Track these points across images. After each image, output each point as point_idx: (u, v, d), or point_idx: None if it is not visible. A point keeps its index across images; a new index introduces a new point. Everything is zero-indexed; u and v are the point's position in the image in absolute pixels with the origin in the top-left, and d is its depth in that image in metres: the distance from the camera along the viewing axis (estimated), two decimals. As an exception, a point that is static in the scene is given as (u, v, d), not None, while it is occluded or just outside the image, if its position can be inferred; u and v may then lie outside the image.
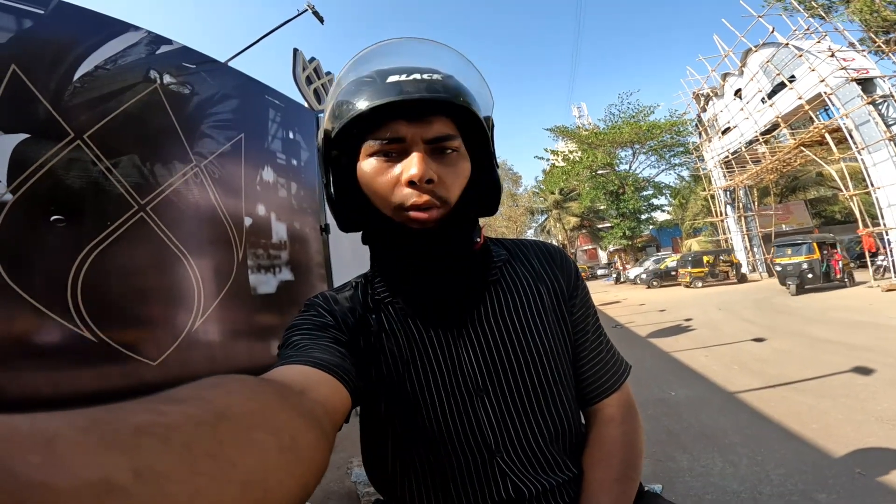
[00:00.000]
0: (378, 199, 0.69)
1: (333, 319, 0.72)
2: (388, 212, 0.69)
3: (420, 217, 0.67)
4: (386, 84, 0.66)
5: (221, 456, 0.26)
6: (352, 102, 0.67)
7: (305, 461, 0.34)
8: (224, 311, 2.27)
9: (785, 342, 6.99)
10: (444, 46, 0.76)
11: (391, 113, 0.66)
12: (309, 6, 7.05)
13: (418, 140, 0.67)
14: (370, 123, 0.67)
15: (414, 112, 0.67)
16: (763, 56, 18.40)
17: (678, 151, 30.16)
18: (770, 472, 2.99)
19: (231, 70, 2.67)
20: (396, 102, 0.64)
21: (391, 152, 0.67)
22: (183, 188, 2.12)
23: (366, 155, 0.69)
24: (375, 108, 0.64)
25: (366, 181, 0.69)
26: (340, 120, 0.68)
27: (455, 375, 0.72)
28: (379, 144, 0.67)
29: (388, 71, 0.68)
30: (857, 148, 14.39)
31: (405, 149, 0.67)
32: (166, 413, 0.26)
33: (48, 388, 1.58)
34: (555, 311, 0.79)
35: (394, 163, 0.68)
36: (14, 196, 1.55)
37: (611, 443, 0.78)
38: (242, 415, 0.31)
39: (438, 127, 0.68)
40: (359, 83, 0.68)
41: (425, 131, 0.67)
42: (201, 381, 0.34)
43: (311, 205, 3.12)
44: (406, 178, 0.66)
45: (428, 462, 0.73)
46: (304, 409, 0.40)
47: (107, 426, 0.22)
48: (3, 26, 1.62)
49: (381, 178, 0.68)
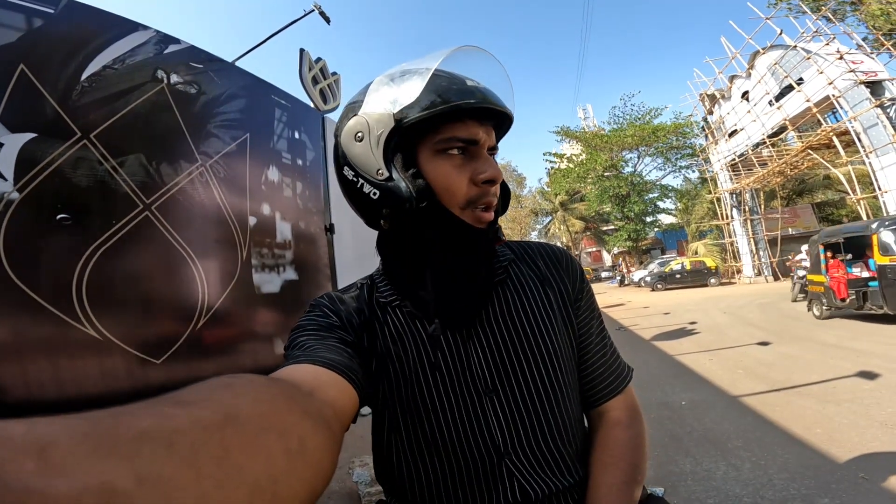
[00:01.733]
0: (451, 195, 0.70)
1: (339, 320, 0.72)
2: (454, 207, 0.70)
3: (485, 216, 0.72)
4: (469, 86, 0.69)
5: (228, 460, 0.26)
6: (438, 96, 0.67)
7: (314, 464, 0.34)
8: (228, 310, 2.28)
9: (790, 346, 6.95)
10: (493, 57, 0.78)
11: (468, 114, 0.69)
12: (316, 6, 7.08)
13: (486, 144, 0.72)
14: (445, 120, 0.69)
15: (484, 117, 0.71)
16: (771, 58, 18.30)
17: (684, 154, 30.01)
18: (773, 477, 2.97)
19: (238, 70, 2.68)
20: (476, 106, 0.68)
21: (465, 151, 0.70)
22: (188, 188, 2.13)
23: (436, 150, 0.70)
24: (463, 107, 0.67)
25: (440, 175, 0.70)
26: (423, 109, 0.67)
27: (464, 376, 0.72)
28: (456, 142, 0.69)
29: (460, 75, 0.71)
30: (864, 151, 14.30)
31: (476, 151, 0.71)
32: (172, 417, 0.26)
33: (52, 386, 1.59)
34: (561, 313, 0.79)
35: (463, 161, 0.70)
36: (21, 195, 1.56)
37: (619, 445, 0.78)
38: (250, 417, 0.30)
39: (494, 136, 0.74)
40: (438, 78, 0.69)
41: (491, 137, 0.73)
42: (211, 381, 0.34)
43: (316, 204, 3.12)
44: (485, 177, 0.69)
45: (436, 463, 0.72)
46: (312, 410, 0.40)
47: (108, 431, 0.22)
48: (13, 25, 1.63)
49: (459, 175, 0.70)
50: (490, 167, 0.70)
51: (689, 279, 22.96)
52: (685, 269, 23.21)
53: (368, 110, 0.71)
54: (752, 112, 19.86)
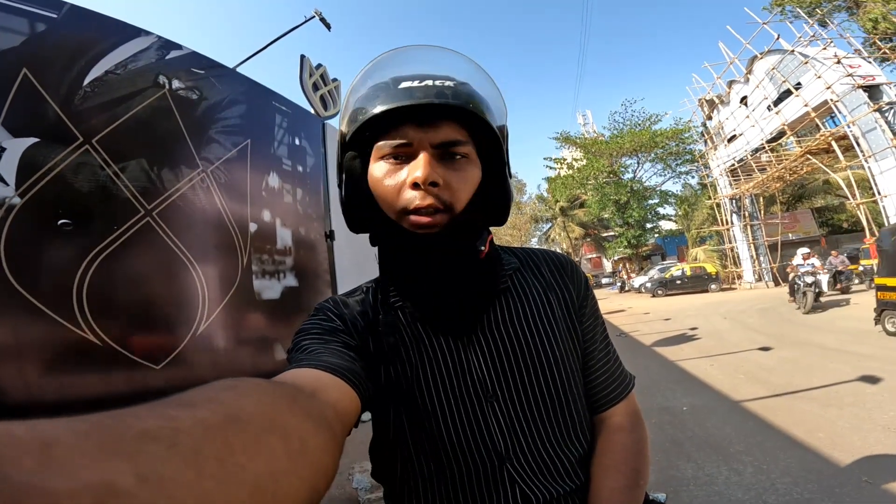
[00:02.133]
0: (384, 202, 0.70)
1: (343, 324, 0.72)
2: (393, 215, 0.69)
3: (421, 221, 0.67)
4: (398, 89, 0.67)
5: (230, 460, 0.26)
6: (365, 107, 0.68)
7: (315, 465, 0.34)
8: (228, 316, 2.28)
9: (791, 351, 6.94)
10: (459, 55, 0.77)
11: (401, 118, 0.67)
12: (316, 13, 7.11)
13: (426, 144, 0.67)
14: (382, 127, 0.68)
15: (423, 117, 0.67)
16: (769, 63, 18.38)
17: (684, 160, 30.07)
18: (775, 481, 2.96)
19: (239, 76, 2.69)
20: (406, 107, 0.65)
21: (400, 156, 0.68)
22: (189, 193, 2.13)
23: (376, 158, 0.70)
24: (386, 112, 0.65)
25: (374, 183, 0.70)
26: (354, 123, 0.70)
27: (465, 381, 0.72)
28: (388, 148, 0.68)
29: (401, 77, 0.69)
30: (863, 156, 14.32)
31: (413, 153, 0.68)
32: (175, 418, 0.26)
33: (52, 391, 1.59)
34: (565, 321, 0.80)
35: (401, 166, 0.68)
36: (22, 199, 1.56)
37: (621, 451, 0.78)
38: (253, 418, 0.31)
39: (447, 132, 0.68)
40: (374, 88, 0.70)
41: (433, 136, 0.68)
42: (214, 384, 0.34)
43: (317, 211, 3.13)
44: (410, 181, 0.66)
45: (436, 467, 0.72)
46: (314, 412, 0.40)
47: (110, 431, 0.22)
48: (16, 29, 1.64)
49: (387, 181, 0.68)
50: (419, 168, 0.65)
51: (690, 285, 22.94)
52: (685, 275, 23.19)
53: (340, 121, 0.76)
54: (750, 117, 19.92)
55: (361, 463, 3.26)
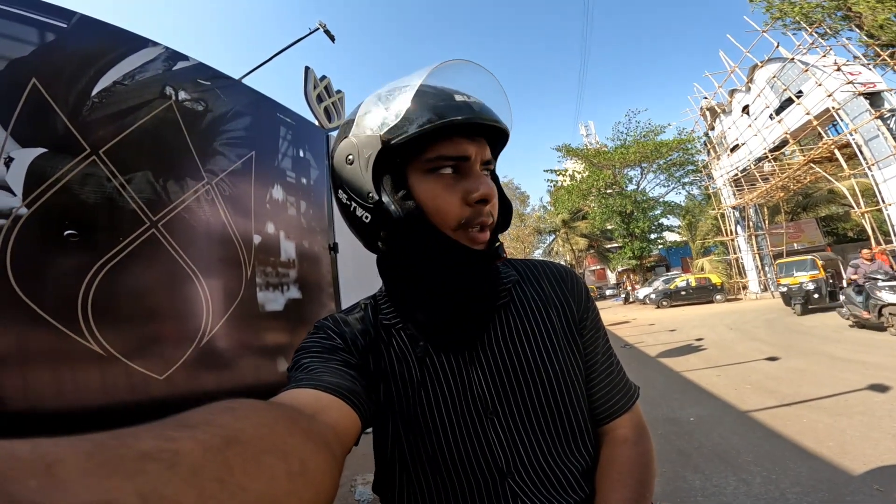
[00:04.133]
0: (442, 216, 0.68)
1: (343, 342, 0.72)
2: (448, 230, 0.68)
3: (483, 237, 0.69)
4: (458, 102, 0.66)
5: (231, 481, 0.26)
6: (425, 114, 0.65)
7: (315, 486, 0.34)
8: (232, 328, 2.27)
9: (799, 361, 6.88)
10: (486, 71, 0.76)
11: (455, 131, 0.67)
12: (321, 24, 7.19)
13: (478, 160, 0.69)
14: (433, 138, 0.67)
15: (474, 133, 0.69)
16: (770, 71, 18.46)
17: (688, 170, 30.10)
18: (785, 491, 2.92)
19: (244, 87, 2.72)
20: (465, 122, 0.65)
21: (455, 169, 0.68)
22: (194, 205, 2.14)
23: (425, 170, 0.68)
24: (451, 124, 0.64)
25: (430, 197, 0.68)
26: (409, 128, 0.65)
27: (465, 398, 0.72)
28: (445, 160, 0.68)
29: (449, 89, 0.69)
30: (867, 164, 14.30)
31: (467, 168, 0.68)
32: (175, 439, 0.26)
33: (55, 401, 1.58)
34: (565, 334, 0.79)
35: (454, 179, 0.68)
36: (29, 210, 1.57)
37: (627, 463, 0.77)
38: (252, 440, 0.31)
39: (487, 150, 0.71)
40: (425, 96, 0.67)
41: (483, 153, 0.70)
42: (213, 406, 0.35)
43: (320, 223, 3.14)
44: (477, 197, 0.67)
45: (437, 484, 0.72)
46: (314, 433, 0.40)
47: (111, 452, 0.22)
48: (26, 39, 1.66)
49: (449, 195, 0.67)
50: (482, 185, 0.68)
51: (695, 296, 22.82)
52: (690, 286, 23.08)
53: (358, 132, 0.70)
54: (752, 126, 19.97)
55: (364, 475, 3.24)
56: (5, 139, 1.54)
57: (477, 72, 0.75)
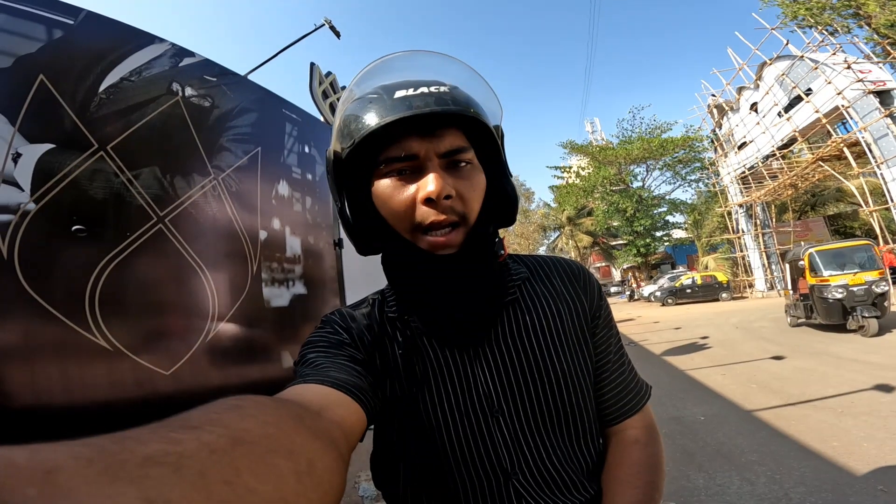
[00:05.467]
0: (395, 221, 0.67)
1: (350, 337, 0.71)
2: (406, 234, 0.67)
3: (438, 242, 0.66)
4: (394, 100, 0.64)
5: (238, 483, 0.26)
6: (360, 121, 0.65)
7: (323, 485, 0.33)
8: (238, 323, 2.29)
9: (805, 361, 6.84)
10: (448, 57, 0.74)
11: (402, 129, 0.64)
12: (326, 21, 7.18)
13: (432, 155, 0.65)
14: (381, 142, 0.65)
15: (425, 127, 0.65)
16: (779, 69, 18.30)
17: (694, 167, 29.92)
18: (789, 491, 2.91)
19: (250, 83, 2.72)
20: (407, 118, 0.62)
21: (405, 170, 0.66)
22: (201, 201, 2.15)
23: (379, 175, 0.67)
24: (386, 125, 0.62)
25: (381, 202, 0.67)
26: (350, 139, 0.66)
27: (470, 396, 0.71)
28: (392, 162, 0.65)
29: (394, 86, 0.66)
30: (876, 162, 14.18)
31: (419, 165, 0.65)
32: (179, 441, 0.26)
33: (62, 396, 1.60)
34: (576, 332, 0.77)
35: (409, 181, 0.66)
36: (37, 205, 1.58)
37: (637, 465, 0.77)
38: (259, 439, 0.30)
39: (450, 140, 0.66)
40: (364, 101, 0.67)
41: (438, 146, 0.65)
42: (217, 403, 0.34)
43: (326, 219, 3.14)
44: (423, 196, 0.64)
45: (441, 482, 0.71)
46: (321, 430, 0.40)
47: (114, 457, 0.22)
48: (33, 36, 1.66)
49: (397, 199, 0.66)
50: (430, 182, 0.63)
51: (700, 294, 22.75)
52: (696, 284, 23.01)
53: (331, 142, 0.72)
54: (761, 124, 19.83)
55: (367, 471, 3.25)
56: (13, 135, 1.54)
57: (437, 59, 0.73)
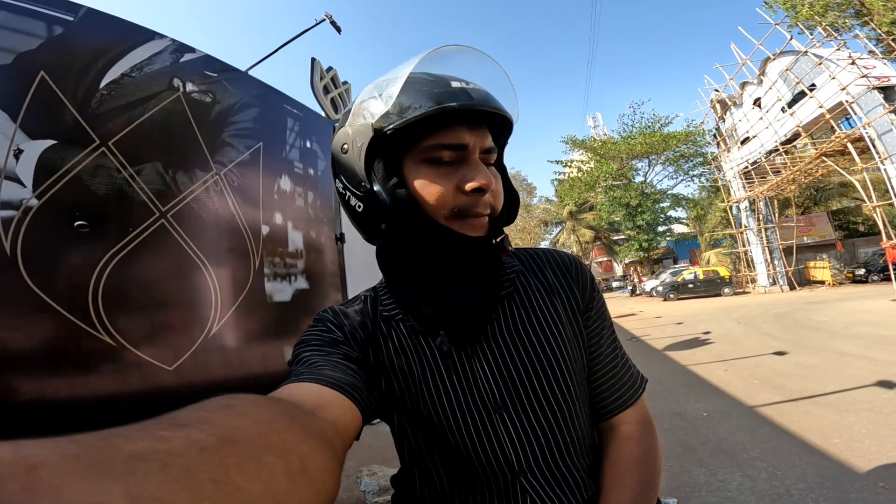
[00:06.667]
0: (434, 205, 0.66)
1: (343, 335, 0.71)
2: (440, 218, 0.66)
3: (478, 224, 0.67)
4: (454, 88, 0.64)
5: (227, 481, 0.25)
6: (418, 100, 0.63)
7: (316, 484, 0.33)
8: (240, 318, 2.29)
9: (807, 356, 6.82)
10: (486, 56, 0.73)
11: (454, 118, 0.64)
12: (327, 16, 7.16)
13: (477, 149, 0.66)
14: (430, 126, 0.64)
15: (474, 120, 0.66)
16: (782, 64, 18.19)
17: (697, 162, 29.81)
18: (790, 487, 2.91)
19: (251, 79, 2.72)
20: (461, 109, 0.63)
21: (449, 159, 0.66)
22: (203, 196, 2.15)
23: (421, 158, 0.66)
24: (446, 111, 0.62)
25: (423, 185, 0.66)
26: (401, 116, 0.63)
27: (470, 392, 0.71)
28: (441, 149, 0.65)
29: (447, 76, 0.66)
30: (879, 158, 14.12)
31: (465, 156, 0.66)
32: (167, 439, 0.25)
33: (65, 390, 1.60)
34: (570, 325, 0.77)
35: (453, 168, 0.66)
36: (39, 201, 1.58)
37: (630, 461, 0.76)
38: (249, 438, 0.30)
39: (489, 138, 0.68)
40: (420, 83, 0.65)
41: (483, 141, 0.67)
42: (209, 402, 0.34)
43: (327, 214, 3.14)
44: (473, 186, 0.64)
45: (451, 479, 0.71)
46: (314, 429, 0.39)
47: (100, 453, 0.21)
48: (34, 32, 1.67)
49: (442, 184, 0.65)
50: (479, 174, 0.65)
51: (702, 289, 22.69)
52: (698, 279, 22.94)
53: (353, 121, 0.69)
54: (764, 119, 19.72)
55: (369, 466, 3.26)
56: (14, 131, 1.55)
57: (478, 59, 0.72)
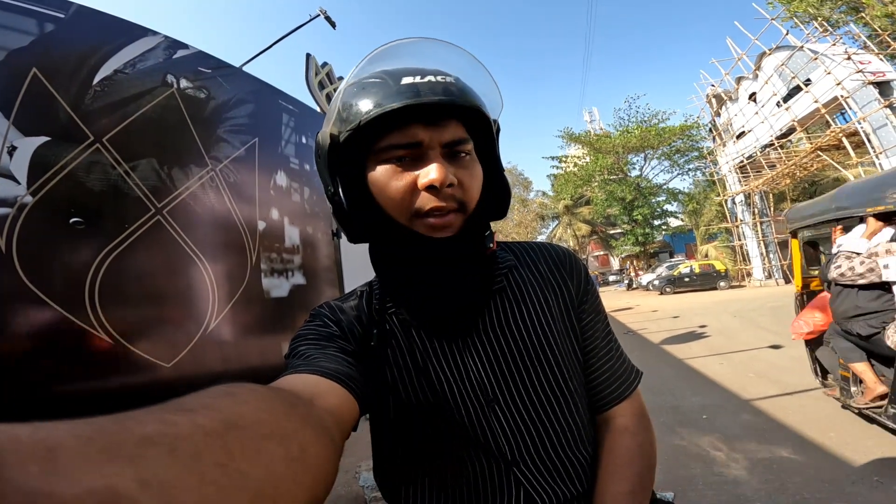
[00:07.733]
0: (393, 207, 0.66)
1: (339, 329, 0.71)
2: (403, 220, 0.66)
3: (438, 223, 0.65)
4: (401, 86, 0.62)
5: (231, 466, 0.26)
6: (365, 104, 0.63)
7: (314, 471, 0.34)
8: (237, 314, 2.29)
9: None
10: (453, 46, 0.73)
11: (407, 117, 0.63)
12: (321, 11, 7.11)
13: (435, 144, 0.65)
14: (382, 127, 0.64)
15: (430, 116, 0.64)
16: (778, 59, 18.22)
17: (692, 157, 29.85)
18: (786, 481, 2.94)
19: (246, 75, 2.71)
20: (413, 106, 0.61)
21: (406, 157, 0.65)
22: (199, 192, 2.15)
23: (378, 160, 0.66)
24: (392, 111, 0.61)
25: (379, 188, 0.66)
26: (350, 123, 0.64)
27: (463, 385, 0.71)
28: (394, 149, 0.64)
29: (399, 72, 0.65)
30: (874, 152, 14.19)
31: (422, 153, 0.65)
32: (175, 423, 0.26)
33: (63, 388, 1.60)
34: (563, 318, 0.77)
35: (409, 168, 0.65)
36: (34, 198, 1.57)
37: (625, 454, 0.76)
38: (252, 424, 0.31)
39: (453, 131, 0.66)
40: (368, 85, 0.65)
41: (442, 135, 0.65)
42: (212, 389, 0.34)
43: (324, 209, 3.14)
44: (425, 184, 0.63)
45: (439, 472, 0.72)
46: (312, 418, 0.40)
47: (111, 436, 0.22)
48: (25, 30, 1.65)
49: (397, 184, 0.65)
50: (433, 170, 0.63)
51: (699, 282, 22.81)
52: (694, 273, 23.06)
53: (323, 127, 0.70)
54: (759, 113, 19.76)
55: (368, 461, 3.27)
56: (8, 128, 1.54)
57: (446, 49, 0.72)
